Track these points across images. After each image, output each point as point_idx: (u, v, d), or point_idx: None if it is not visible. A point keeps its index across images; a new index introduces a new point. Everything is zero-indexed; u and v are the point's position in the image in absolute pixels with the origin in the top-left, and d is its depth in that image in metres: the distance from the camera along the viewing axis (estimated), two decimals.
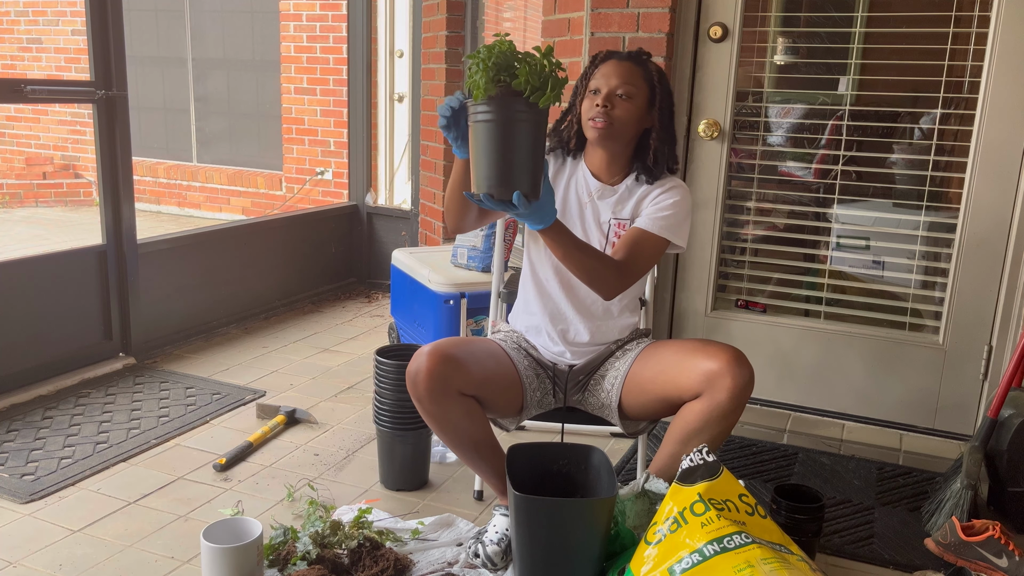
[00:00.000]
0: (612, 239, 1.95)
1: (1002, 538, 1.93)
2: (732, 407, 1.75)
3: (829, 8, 2.74)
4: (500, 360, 1.94)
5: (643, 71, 1.92)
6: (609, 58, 1.94)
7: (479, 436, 1.88)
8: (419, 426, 2.25)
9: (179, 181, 7.09)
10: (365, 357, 3.38)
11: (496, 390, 1.90)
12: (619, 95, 1.88)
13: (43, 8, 7.38)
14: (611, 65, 1.91)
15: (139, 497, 2.20)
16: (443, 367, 1.77)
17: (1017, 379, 2.26)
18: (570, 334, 2.00)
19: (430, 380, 1.76)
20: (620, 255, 1.85)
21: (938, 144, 2.66)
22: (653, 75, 1.93)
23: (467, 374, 1.80)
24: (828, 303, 2.87)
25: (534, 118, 1.54)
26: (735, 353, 1.77)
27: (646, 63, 1.94)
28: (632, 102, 1.89)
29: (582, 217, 1.97)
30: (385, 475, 2.31)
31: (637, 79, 1.90)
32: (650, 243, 1.88)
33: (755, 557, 1.52)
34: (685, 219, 1.93)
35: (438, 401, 1.79)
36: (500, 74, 1.50)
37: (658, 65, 1.97)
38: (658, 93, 1.92)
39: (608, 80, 1.89)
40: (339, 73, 5.93)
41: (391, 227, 4.52)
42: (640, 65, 1.92)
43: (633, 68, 1.91)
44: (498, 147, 1.52)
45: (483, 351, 1.91)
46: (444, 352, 1.78)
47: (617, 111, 1.88)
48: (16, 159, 7.67)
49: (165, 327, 3.37)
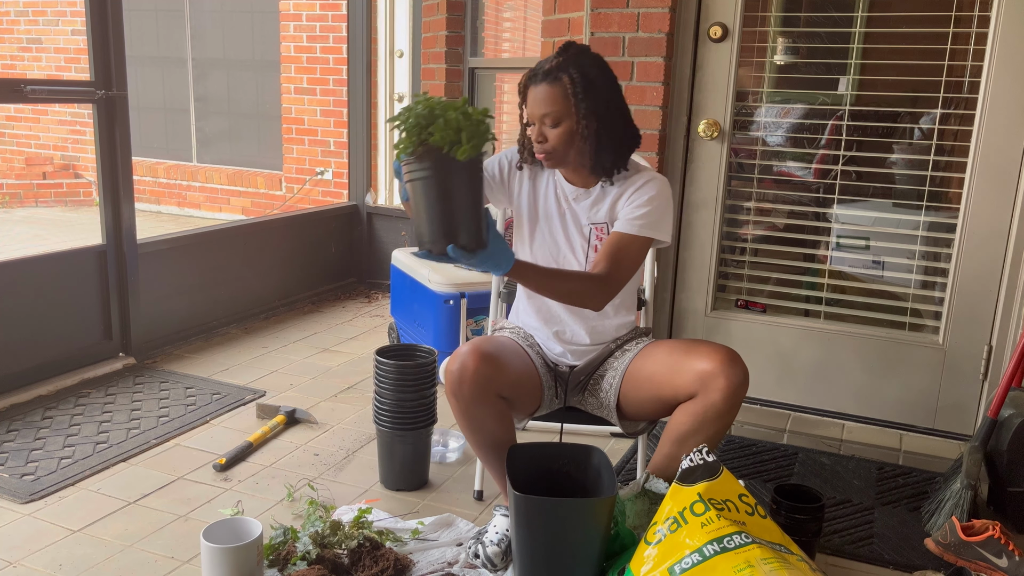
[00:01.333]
0: (594, 242, 1.94)
1: (1002, 538, 1.93)
2: (726, 407, 1.75)
3: (829, 8, 2.74)
4: (524, 360, 1.94)
5: (558, 88, 1.81)
6: (530, 83, 1.85)
7: (505, 438, 1.88)
8: (419, 426, 2.26)
9: (179, 181, 7.09)
10: (365, 357, 3.38)
11: (523, 391, 1.91)
12: (546, 124, 1.84)
13: (43, 8, 7.38)
14: (532, 92, 1.84)
15: (139, 497, 2.20)
16: (487, 368, 1.76)
17: (1017, 379, 2.26)
18: (567, 335, 2.00)
19: (476, 380, 1.76)
20: (602, 265, 1.83)
21: (938, 144, 2.66)
22: (567, 88, 1.81)
23: (505, 376, 1.81)
24: (828, 303, 2.87)
25: (459, 170, 1.55)
26: (729, 353, 1.77)
27: (559, 77, 1.81)
28: (560, 124, 1.83)
29: (563, 223, 1.96)
30: (385, 475, 2.31)
31: (555, 99, 1.81)
32: (632, 246, 1.86)
33: (755, 557, 1.52)
34: (664, 213, 1.89)
35: (480, 402, 1.79)
36: (422, 133, 1.53)
37: (579, 68, 1.82)
38: (581, 102, 1.81)
39: (533, 109, 1.85)
40: (339, 73, 5.93)
41: (391, 227, 4.52)
42: (553, 82, 1.81)
43: (548, 89, 1.82)
44: (429, 203, 1.55)
45: (512, 351, 1.92)
46: (486, 352, 1.78)
47: (549, 140, 1.84)
48: (16, 159, 7.67)
49: (165, 327, 3.37)
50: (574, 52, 1.85)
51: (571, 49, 1.85)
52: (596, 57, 1.88)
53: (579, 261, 1.96)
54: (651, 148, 2.83)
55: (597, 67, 1.86)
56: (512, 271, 1.71)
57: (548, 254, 1.98)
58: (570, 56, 1.83)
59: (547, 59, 1.84)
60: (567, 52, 1.84)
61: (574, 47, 1.86)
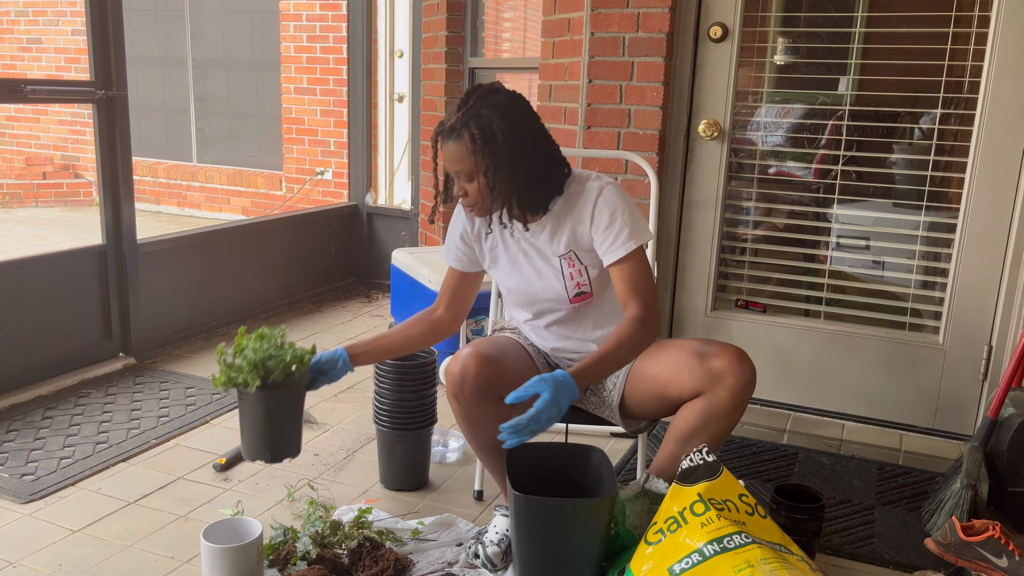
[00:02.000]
0: (568, 271, 1.90)
1: (1002, 538, 1.93)
2: (733, 405, 1.75)
3: (829, 8, 2.74)
4: (525, 361, 1.95)
5: (462, 145, 1.75)
6: (437, 138, 1.80)
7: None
8: (419, 426, 2.25)
9: (179, 181, 7.09)
10: None
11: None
12: (461, 179, 1.80)
13: (43, 8, 7.38)
14: (442, 148, 1.80)
15: (139, 497, 2.20)
16: (488, 370, 1.77)
17: (1017, 379, 2.26)
18: (547, 335, 2.00)
19: (477, 383, 1.76)
20: (630, 305, 1.81)
21: (938, 144, 2.66)
22: (468, 145, 1.74)
23: (506, 377, 1.81)
24: (828, 303, 2.87)
25: (261, 400, 1.78)
26: (737, 351, 1.77)
27: (461, 133, 1.74)
28: (474, 178, 1.78)
29: (530, 260, 1.93)
30: (385, 475, 2.31)
31: (462, 156, 1.76)
32: (635, 264, 1.83)
33: (755, 557, 1.52)
34: (632, 215, 1.83)
35: (481, 404, 1.79)
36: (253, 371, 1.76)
37: (477, 120, 1.73)
38: (485, 156, 1.74)
39: (447, 165, 1.81)
40: (339, 73, 5.93)
41: (391, 227, 4.52)
42: (457, 140, 1.75)
43: (454, 147, 1.76)
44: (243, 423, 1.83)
45: (512, 352, 1.92)
46: (487, 354, 1.78)
47: (469, 195, 1.81)
48: (16, 159, 7.67)
49: (165, 327, 3.37)
50: (474, 101, 1.76)
51: (471, 98, 1.77)
52: (500, 98, 1.77)
53: (556, 290, 1.91)
54: (651, 148, 2.83)
55: (499, 111, 1.75)
56: (580, 388, 1.69)
57: (527, 295, 1.96)
58: (469, 108, 1.76)
59: (452, 110, 1.79)
60: (467, 104, 1.77)
61: (476, 92, 1.78)
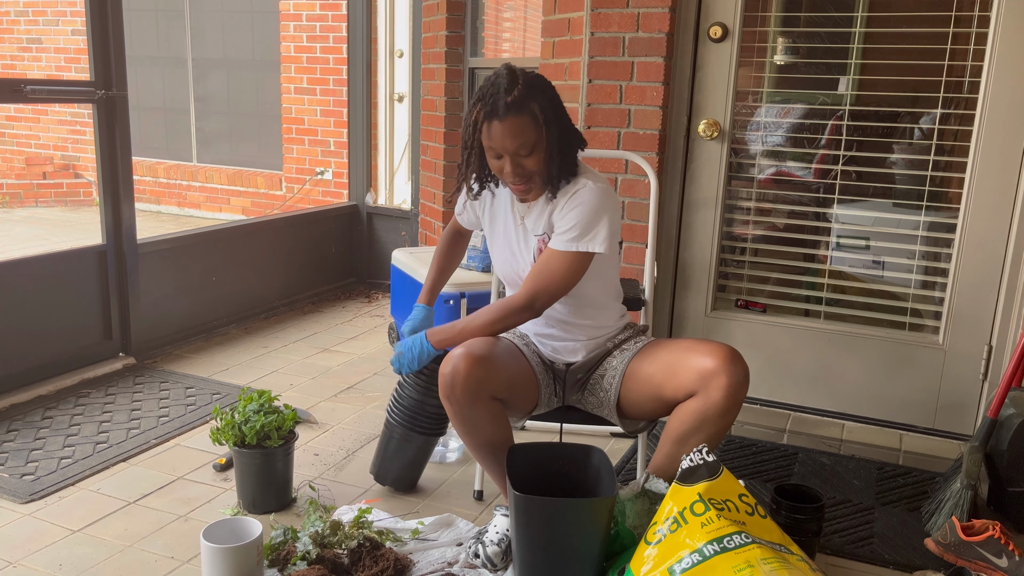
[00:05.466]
0: (535, 254, 1.94)
1: (1002, 538, 1.93)
2: (727, 406, 1.75)
3: (829, 8, 2.74)
4: (519, 360, 1.95)
5: (527, 116, 1.78)
6: (490, 119, 1.79)
7: (501, 439, 1.89)
8: (431, 432, 2.20)
9: (179, 181, 7.09)
10: (365, 357, 3.38)
11: (518, 391, 1.91)
12: (520, 155, 1.81)
13: (43, 8, 7.38)
14: (497, 128, 1.78)
15: (139, 497, 2.20)
16: (478, 370, 1.77)
17: (1017, 379, 2.25)
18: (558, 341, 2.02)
19: (467, 383, 1.76)
20: (525, 287, 1.86)
21: (938, 144, 2.66)
22: (537, 113, 1.79)
23: (498, 377, 1.81)
24: (828, 303, 2.87)
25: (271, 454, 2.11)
26: (730, 351, 1.77)
27: (525, 104, 1.78)
28: (534, 151, 1.81)
29: (518, 235, 1.99)
30: (376, 467, 2.26)
31: (526, 129, 1.78)
32: (558, 262, 1.84)
33: (755, 557, 1.52)
34: (592, 223, 1.83)
35: (473, 405, 1.80)
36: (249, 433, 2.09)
37: (536, 92, 1.80)
38: (550, 123, 1.81)
39: (504, 144, 1.80)
40: (339, 73, 5.93)
41: (391, 227, 4.52)
42: (521, 112, 1.78)
43: (515, 121, 1.77)
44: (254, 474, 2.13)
45: (506, 351, 1.92)
46: (478, 354, 1.78)
47: (527, 167, 1.83)
48: (16, 159, 7.67)
49: (165, 327, 3.37)
50: (522, 78, 1.80)
51: (519, 75, 1.80)
52: (539, 79, 1.85)
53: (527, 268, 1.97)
54: (651, 148, 2.83)
55: (547, 89, 1.84)
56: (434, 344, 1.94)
57: (507, 264, 2.02)
58: (525, 83, 1.79)
59: (496, 89, 1.79)
60: (520, 80, 1.79)
61: (519, 71, 1.81)
